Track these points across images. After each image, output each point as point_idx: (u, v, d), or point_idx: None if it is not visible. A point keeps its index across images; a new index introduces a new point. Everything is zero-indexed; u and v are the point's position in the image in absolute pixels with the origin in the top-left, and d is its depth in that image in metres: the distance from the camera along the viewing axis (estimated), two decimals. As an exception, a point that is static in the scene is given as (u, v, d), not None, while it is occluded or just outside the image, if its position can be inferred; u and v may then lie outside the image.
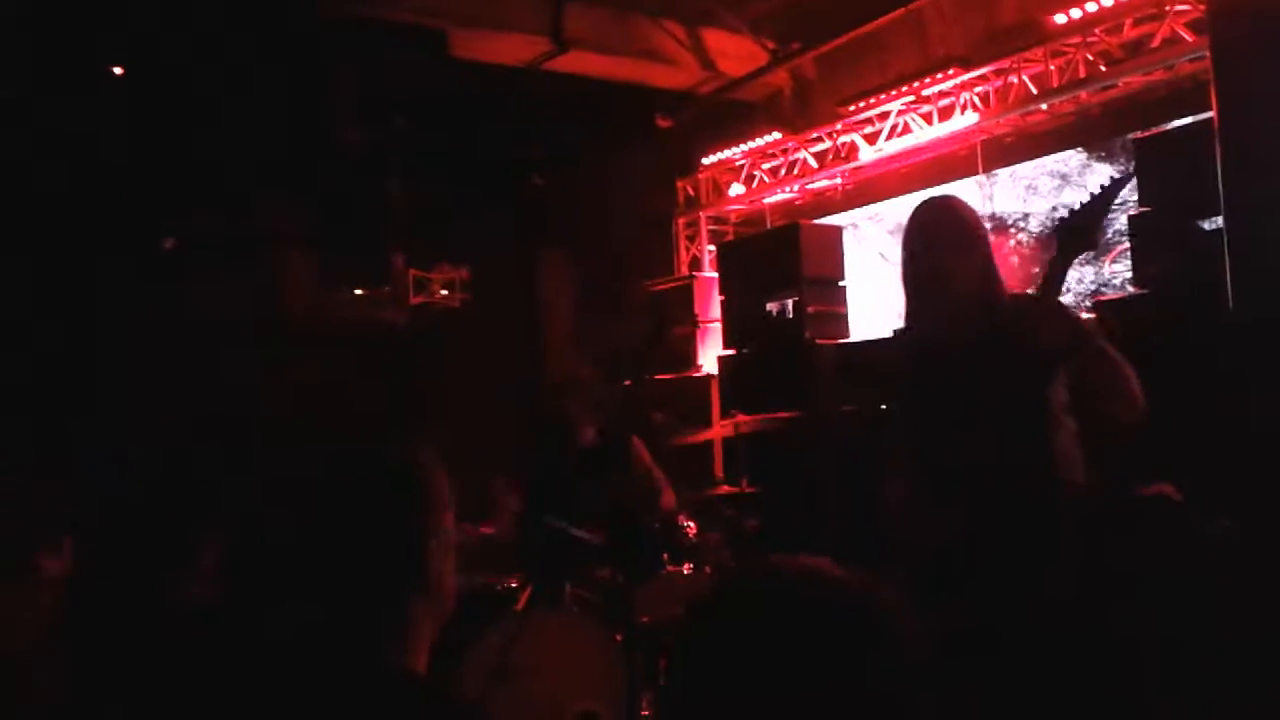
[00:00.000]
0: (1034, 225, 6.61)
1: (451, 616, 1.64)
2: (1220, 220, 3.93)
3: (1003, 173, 6.75)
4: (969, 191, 6.89)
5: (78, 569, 2.47)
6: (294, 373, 8.02)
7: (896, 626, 1.01)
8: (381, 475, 1.57)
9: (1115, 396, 2.68)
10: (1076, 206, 2.61)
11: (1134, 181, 4.66)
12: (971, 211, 3.01)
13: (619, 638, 3.73)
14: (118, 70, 6.61)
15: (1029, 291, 2.93)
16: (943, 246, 2.86)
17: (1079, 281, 5.99)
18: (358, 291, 8.97)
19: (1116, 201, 2.70)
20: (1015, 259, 6.65)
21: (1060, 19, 5.79)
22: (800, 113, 8.09)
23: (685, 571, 4.45)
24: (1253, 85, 2.80)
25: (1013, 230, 6.65)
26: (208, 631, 2.46)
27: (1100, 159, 6.27)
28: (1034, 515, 2.65)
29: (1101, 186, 2.62)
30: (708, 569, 4.57)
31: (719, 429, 6.38)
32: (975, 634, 2.55)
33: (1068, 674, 2.55)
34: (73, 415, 6.82)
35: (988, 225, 3.33)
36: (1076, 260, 2.67)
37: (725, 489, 5.58)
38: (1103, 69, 5.78)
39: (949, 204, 3.05)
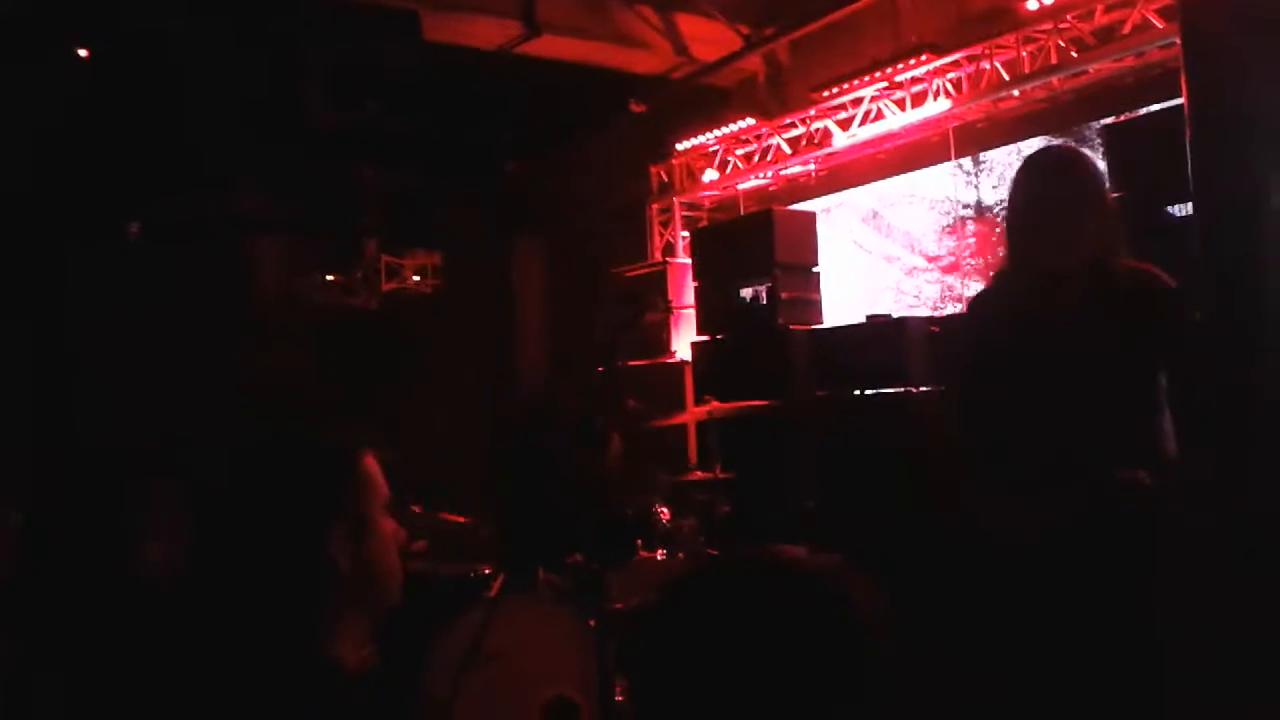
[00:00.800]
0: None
1: (425, 603, 1.63)
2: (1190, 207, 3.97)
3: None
4: (947, 179, 6.92)
5: (27, 539, 2.45)
6: (261, 356, 7.97)
7: (862, 614, 1.01)
8: (287, 458, 1.55)
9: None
10: None
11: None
12: (1092, 167, 2.76)
13: (592, 623, 3.73)
14: (82, 52, 6.52)
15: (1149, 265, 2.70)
16: (1056, 202, 2.59)
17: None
18: (329, 277, 8.92)
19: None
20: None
21: (1032, 5, 5.81)
22: (774, 98, 8.09)
23: (659, 557, 4.46)
24: (1222, 72, 2.82)
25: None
26: (145, 602, 2.45)
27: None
28: (1136, 514, 2.45)
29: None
30: (681, 555, 4.58)
31: (692, 414, 6.38)
32: (1067, 639, 2.40)
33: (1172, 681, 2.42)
34: (41, 394, 6.75)
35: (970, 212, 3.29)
36: None
37: (699, 475, 5.58)
38: (1074, 55, 5.81)
39: (1078, 155, 2.79)
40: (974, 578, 2.67)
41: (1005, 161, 6.53)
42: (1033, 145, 6.38)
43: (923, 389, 5.49)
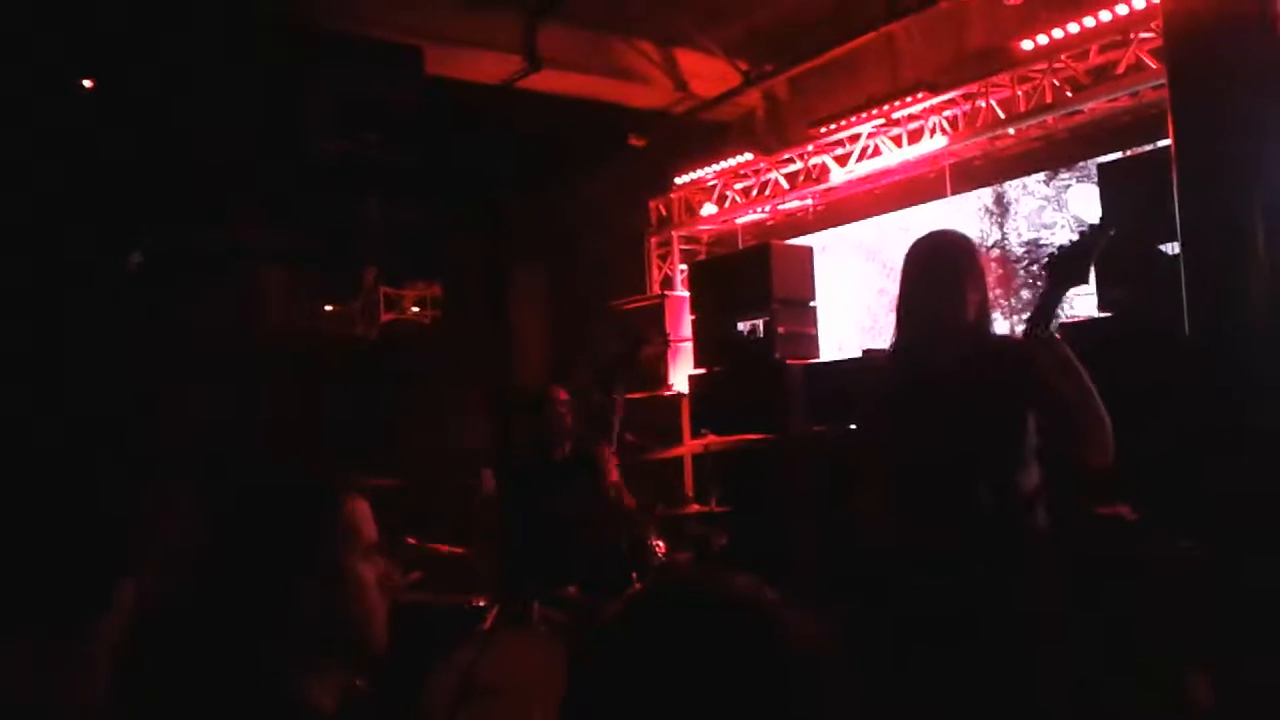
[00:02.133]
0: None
1: (420, 635, 1.62)
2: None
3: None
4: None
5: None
6: (261, 385, 7.98)
7: (790, 648, 1.02)
8: (267, 500, 1.54)
9: (1085, 443, 2.74)
10: (1068, 242, 2.69)
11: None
12: (973, 247, 3.10)
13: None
14: (87, 83, 6.58)
15: (1019, 330, 3.01)
16: (941, 279, 2.95)
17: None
18: (328, 307, 8.94)
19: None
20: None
21: (1027, 45, 5.87)
22: (772, 134, 8.15)
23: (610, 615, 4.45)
24: (1207, 110, 2.85)
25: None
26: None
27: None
28: (998, 538, 2.72)
29: (1094, 224, 2.69)
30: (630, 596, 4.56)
31: (689, 448, 6.40)
32: (939, 638, 2.63)
33: (1025, 684, 2.60)
34: (41, 422, 6.75)
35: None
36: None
37: (695, 508, 5.59)
38: (1069, 94, 5.87)
39: (952, 239, 3.13)
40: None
41: (1032, 205, 6.49)
42: (1030, 182, 6.46)
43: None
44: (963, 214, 6.71)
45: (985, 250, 6.60)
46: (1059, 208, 6.06)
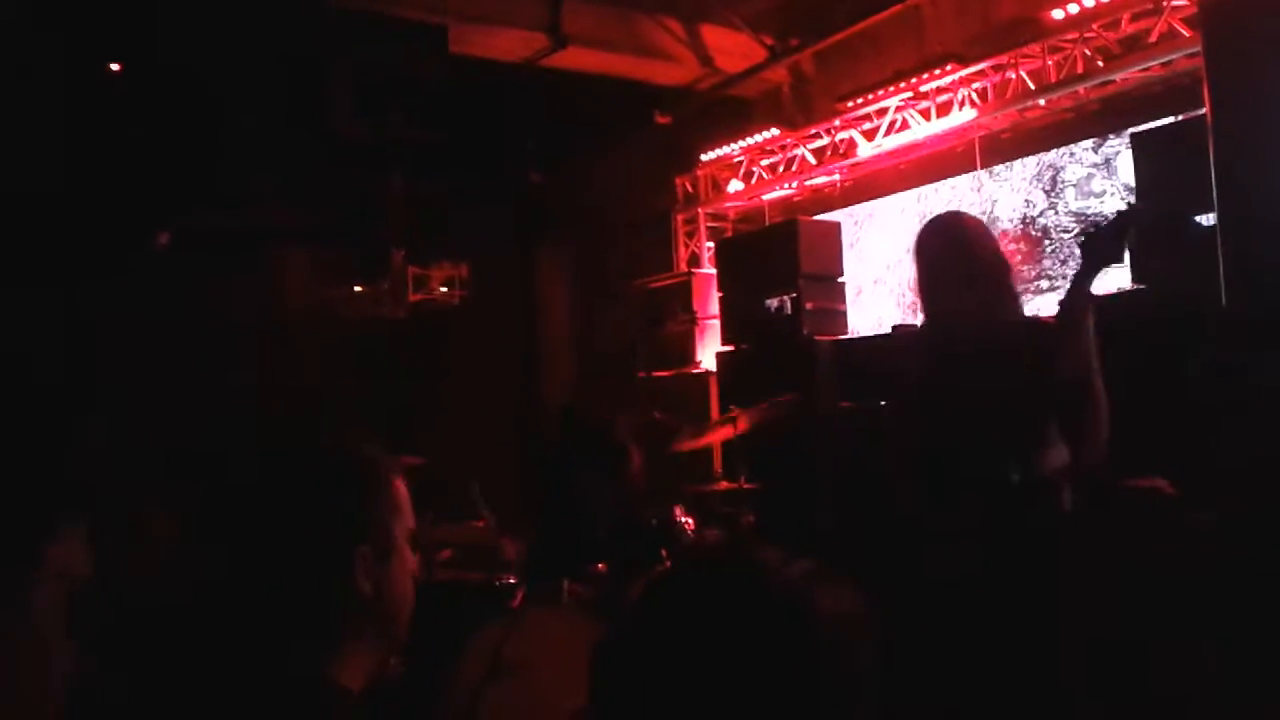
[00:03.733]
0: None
1: (448, 612, 1.61)
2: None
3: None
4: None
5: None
6: (290, 366, 8.03)
7: (823, 624, 1.01)
8: (317, 470, 1.52)
9: (1082, 438, 2.76)
10: (1103, 220, 2.68)
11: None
12: (979, 227, 3.10)
13: (616, 634, 3.73)
14: (115, 66, 6.61)
15: (1049, 315, 3.00)
16: (957, 263, 2.94)
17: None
18: (356, 288, 8.97)
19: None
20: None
21: (1058, 14, 5.78)
22: (799, 109, 8.09)
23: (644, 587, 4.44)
24: (1244, 79, 2.79)
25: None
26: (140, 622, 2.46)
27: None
28: (1022, 517, 2.72)
29: (1128, 203, 2.67)
30: (661, 571, 4.55)
31: (718, 436, 6.38)
32: (962, 614, 2.63)
33: (1060, 663, 2.59)
34: (70, 408, 6.82)
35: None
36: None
37: (723, 485, 5.57)
38: (1100, 64, 5.77)
39: (962, 221, 3.13)
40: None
41: (1080, 173, 6.30)
42: (1059, 156, 6.36)
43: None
44: (1008, 182, 6.59)
45: (1000, 228, 6.50)
46: (1109, 174, 5.94)
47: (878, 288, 7.36)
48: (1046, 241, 6.36)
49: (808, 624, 1.00)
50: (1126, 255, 2.95)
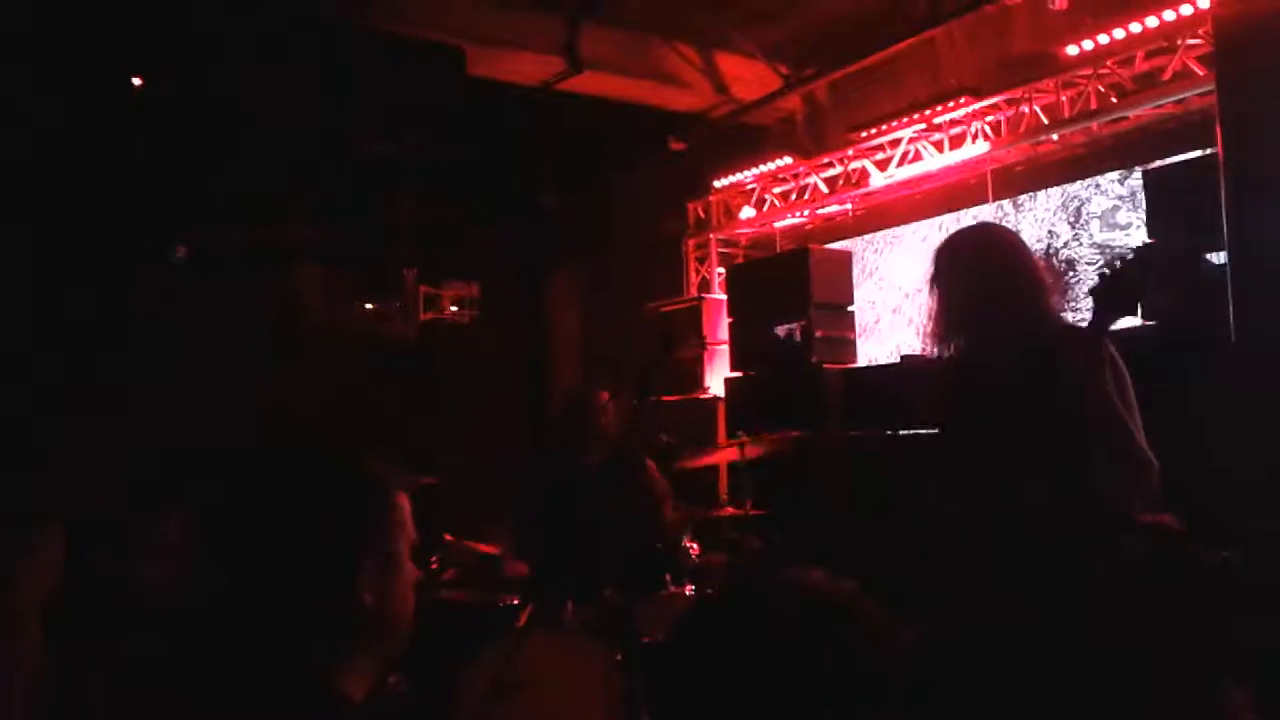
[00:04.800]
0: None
1: (453, 632, 1.62)
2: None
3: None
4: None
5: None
6: (301, 382, 8.05)
7: (876, 640, 1.03)
8: (324, 483, 1.54)
9: (1126, 478, 2.66)
10: (1113, 268, 2.57)
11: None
12: (1008, 239, 3.02)
13: (620, 657, 3.74)
14: (136, 81, 6.67)
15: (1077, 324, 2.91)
16: (991, 277, 2.84)
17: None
18: (368, 305, 9.01)
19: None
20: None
21: (1072, 50, 5.82)
22: (812, 138, 8.13)
23: (687, 593, 4.45)
24: (1257, 119, 2.81)
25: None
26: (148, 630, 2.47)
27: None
28: (1057, 542, 2.63)
29: (1141, 247, 2.60)
30: (710, 591, 4.56)
31: (724, 456, 6.38)
32: (1011, 657, 2.56)
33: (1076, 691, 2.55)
34: (85, 414, 6.84)
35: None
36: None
37: (730, 511, 5.57)
38: (1114, 101, 5.81)
39: (994, 230, 3.08)
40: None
41: (1105, 204, 6.29)
42: (1083, 187, 6.37)
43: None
44: (1032, 212, 6.61)
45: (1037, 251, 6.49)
46: (1134, 207, 5.94)
47: (896, 316, 7.38)
48: (1071, 273, 6.37)
49: (866, 639, 1.02)
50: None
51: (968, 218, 6.89)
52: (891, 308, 7.40)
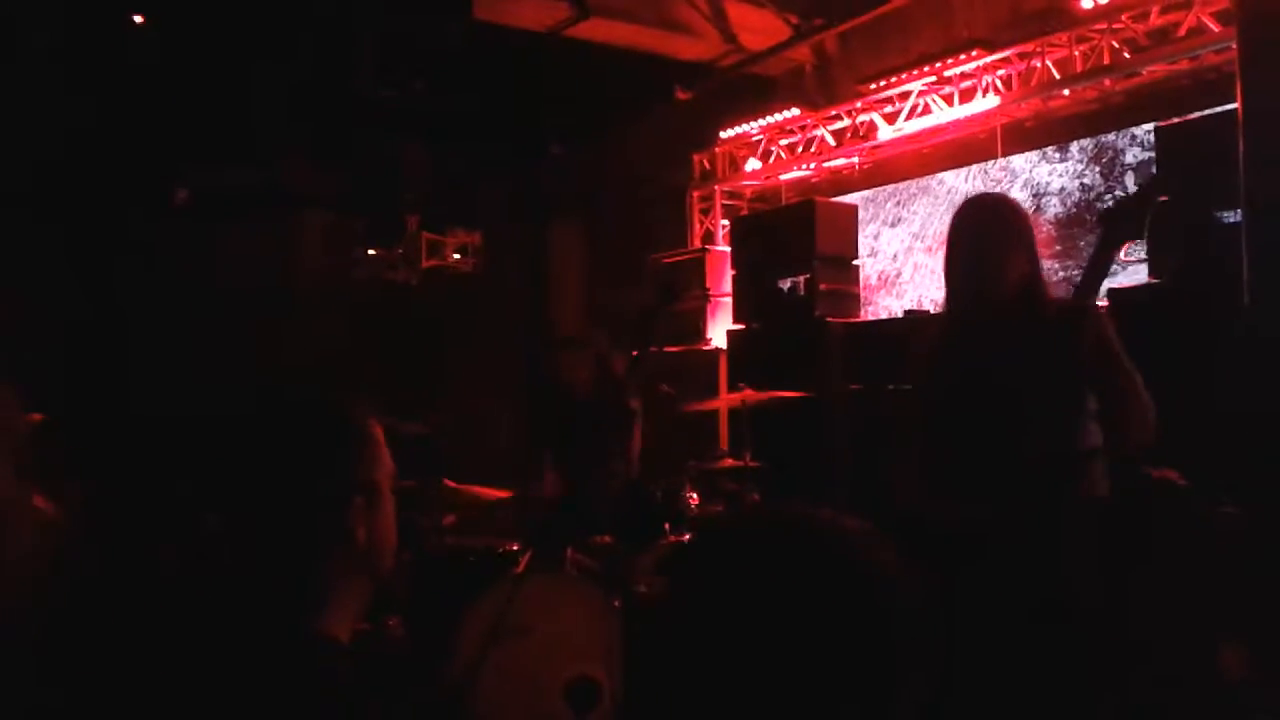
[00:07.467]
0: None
1: (453, 577, 1.61)
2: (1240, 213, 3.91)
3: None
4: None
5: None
6: (301, 328, 8.04)
7: (888, 576, 1.01)
8: (302, 424, 1.53)
9: (1128, 418, 2.73)
10: (1124, 195, 2.64)
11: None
12: (1021, 210, 3.08)
13: (617, 604, 3.75)
14: (137, 19, 6.58)
15: (1072, 293, 2.98)
16: (991, 240, 2.92)
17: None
18: (370, 251, 8.97)
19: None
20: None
21: (1086, 4, 5.74)
22: (821, 89, 8.04)
23: (686, 541, 4.46)
24: (1278, 76, 2.77)
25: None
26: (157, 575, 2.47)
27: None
28: (1056, 507, 2.68)
29: (1150, 177, 2.64)
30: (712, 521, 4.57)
31: (725, 401, 6.38)
32: (985, 617, 2.58)
33: (1079, 660, 2.56)
34: (90, 365, 6.84)
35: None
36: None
37: (729, 462, 5.57)
38: (1127, 56, 5.74)
39: (1000, 200, 3.11)
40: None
41: (1141, 156, 6.17)
42: (1083, 145, 6.32)
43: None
44: (1067, 163, 6.52)
45: (1053, 210, 6.46)
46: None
47: (919, 271, 7.32)
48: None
49: (882, 572, 1.01)
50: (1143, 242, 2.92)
51: (995, 169, 6.80)
52: (914, 261, 7.35)
